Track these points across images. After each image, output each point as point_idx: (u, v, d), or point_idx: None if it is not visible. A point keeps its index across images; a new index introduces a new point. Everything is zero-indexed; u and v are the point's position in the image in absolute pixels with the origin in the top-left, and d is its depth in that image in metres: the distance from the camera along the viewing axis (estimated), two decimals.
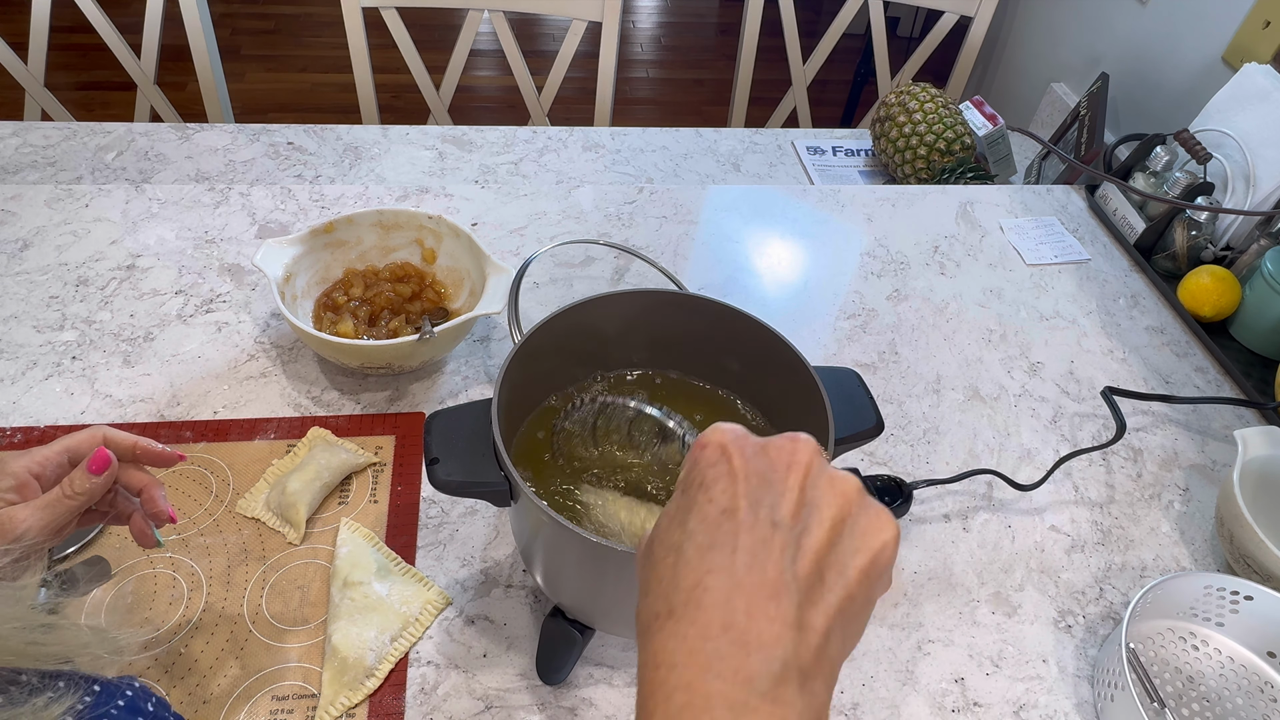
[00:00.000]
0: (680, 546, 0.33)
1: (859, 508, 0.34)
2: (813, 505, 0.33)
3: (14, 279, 0.90)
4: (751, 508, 0.33)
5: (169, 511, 0.56)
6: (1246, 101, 1.07)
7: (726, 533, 0.32)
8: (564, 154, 1.28)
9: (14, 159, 1.14)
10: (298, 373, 0.84)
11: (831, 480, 0.34)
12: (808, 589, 0.31)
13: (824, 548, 0.32)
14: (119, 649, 0.42)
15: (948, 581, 0.75)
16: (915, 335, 0.97)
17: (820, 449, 0.35)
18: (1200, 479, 0.86)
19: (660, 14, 3.45)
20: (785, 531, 0.32)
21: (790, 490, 0.33)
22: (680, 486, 0.36)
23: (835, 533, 0.33)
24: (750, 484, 0.33)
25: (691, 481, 0.35)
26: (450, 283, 0.89)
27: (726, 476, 0.34)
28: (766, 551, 0.31)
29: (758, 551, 0.32)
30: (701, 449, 0.35)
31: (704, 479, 0.34)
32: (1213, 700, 0.67)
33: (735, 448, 0.35)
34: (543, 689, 0.64)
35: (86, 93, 2.65)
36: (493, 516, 0.75)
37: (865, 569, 0.33)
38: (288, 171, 1.18)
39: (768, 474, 0.34)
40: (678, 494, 0.36)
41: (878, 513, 0.34)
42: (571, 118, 1.53)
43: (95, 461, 0.52)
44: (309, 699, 0.62)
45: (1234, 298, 0.99)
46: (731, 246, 1.07)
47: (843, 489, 0.34)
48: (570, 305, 0.63)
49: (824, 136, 1.39)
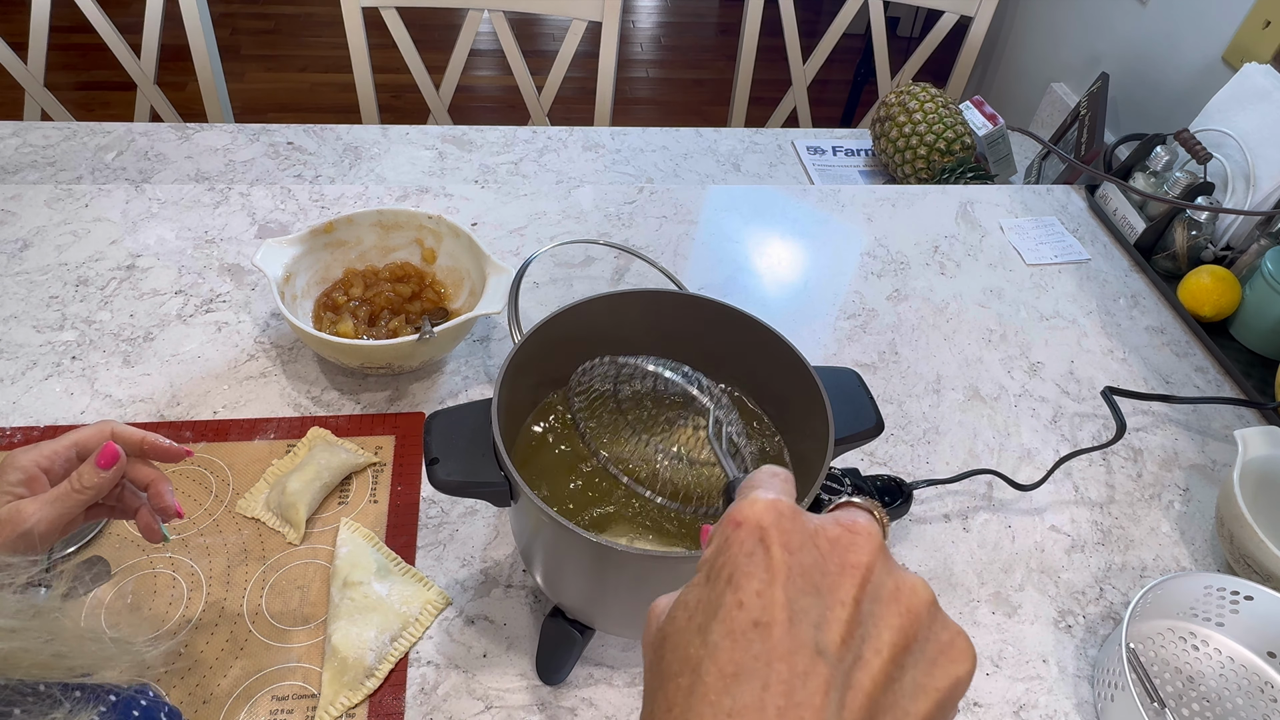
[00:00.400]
0: (699, 666, 0.26)
1: (929, 629, 0.27)
2: (869, 624, 0.26)
3: (14, 279, 0.90)
4: (792, 623, 0.26)
5: (176, 506, 0.56)
6: (1246, 101, 1.07)
7: (757, 657, 0.25)
8: (564, 154, 1.28)
9: (14, 159, 1.14)
10: (298, 373, 0.84)
11: (896, 590, 0.27)
12: None
13: (880, 686, 0.26)
14: (143, 663, 0.42)
15: (948, 581, 0.75)
16: (915, 335, 0.97)
17: (885, 547, 0.28)
18: (1200, 479, 0.86)
19: (660, 14, 3.45)
20: (832, 662, 0.25)
21: (843, 603, 0.26)
22: (705, 570, 0.29)
23: (896, 664, 0.26)
24: (792, 588, 0.26)
25: (719, 571, 0.28)
26: (450, 283, 0.89)
27: (764, 573, 0.27)
28: (805, 690, 0.25)
29: (795, 689, 0.25)
30: (735, 528, 0.28)
31: (734, 573, 0.27)
32: (1213, 700, 0.67)
33: (777, 533, 0.27)
34: (543, 689, 0.64)
35: (86, 93, 2.65)
36: (493, 516, 0.75)
37: (930, 714, 0.26)
38: (288, 171, 1.18)
39: (816, 576, 0.27)
40: (700, 579, 0.28)
41: (953, 637, 0.27)
42: (571, 118, 1.53)
43: (104, 456, 0.52)
44: (309, 699, 0.62)
45: (1234, 298, 0.99)
46: (731, 246, 1.07)
47: (910, 603, 0.27)
48: (570, 305, 0.63)
49: (824, 136, 1.39)
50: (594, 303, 0.64)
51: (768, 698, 0.25)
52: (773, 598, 0.26)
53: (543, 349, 0.62)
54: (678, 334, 0.68)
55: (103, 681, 0.39)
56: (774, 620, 0.26)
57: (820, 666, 0.25)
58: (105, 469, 0.52)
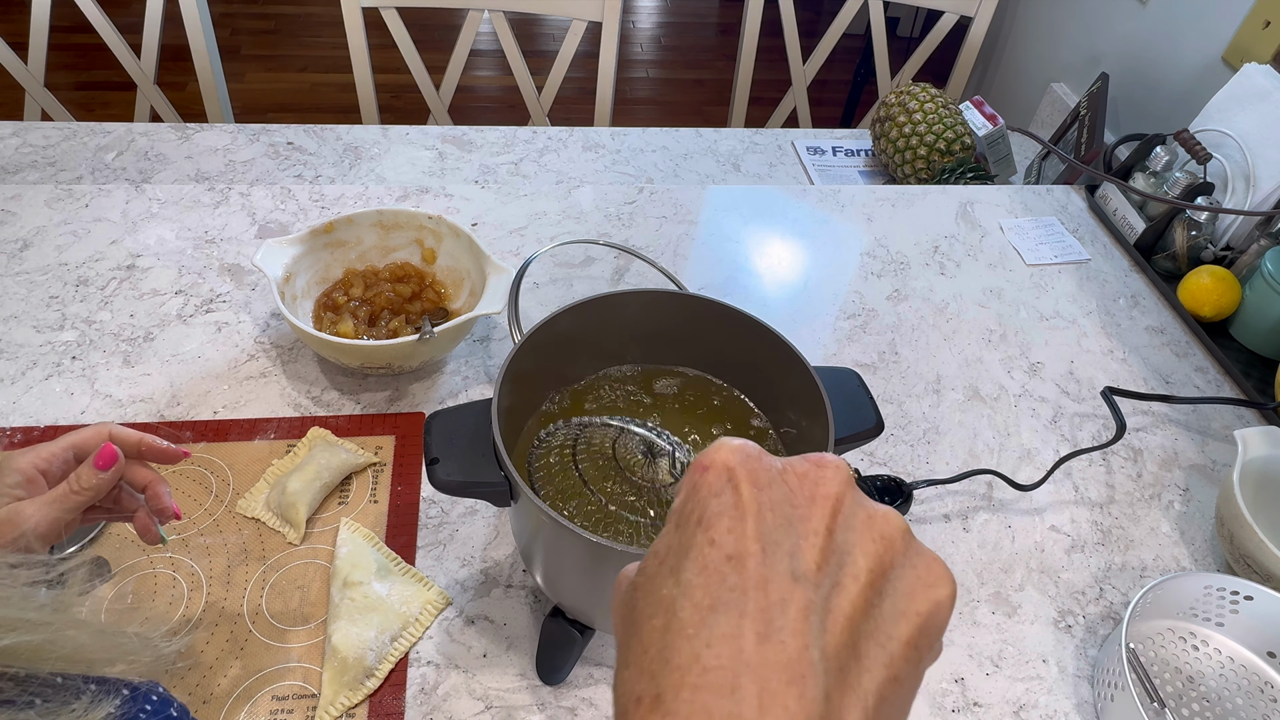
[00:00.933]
0: (673, 604, 0.25)
1: (904, 555, 0.27)
2: (844, 552, 0.26)
3: (14, 279, 0.90)
4: (766, 554, 0.25)
5: (174, 508, 0.56)
6: (1246, 101, 1.07)
7: (733, 588, 0.25)
8: (564, 154, 1.28)
9: (14, 159, 1.14)
10: (298, 373, 0.84)
11: (869, 518, 0.27)
12: (839, 668, 0.24)
13: (860, 610, 0.25)
14: (160, 658, 0.43)
15: None
16: (915, 335, 0.97)
17: (852, 477, 0.28)
18: (1200, 479, 0.86)
19: (660, 14, 3.45)
20: (809, 588, 0.25)
21: (816, 532, 0.26)
22: (673, 518, 0.28)
23: (874, 590, 0.26)
24: (764, 522, 0.26)
25: (688, 514, 0.27)
26: (450, 283, 0.89)
27: (733, 510, 0.26)
28: (785, 616, 0.24)
29: (774, 616, 0.24)
30: (702, 472, 0.27)
31: (704, 513, 0.26)
32: (1213, 700, 0.67)
33: (745, 472, 0.27)
34: (543, 689, 0.64)
35: (86, 93, 2.65)
36: (493, 516, 0.75)
37: (913, 639, 0.25)
38: (288, 171, 1.18)
39: (786, 509, 0.26)
40: (670, 528, 0.28)
41: (929, 562, 0.27)
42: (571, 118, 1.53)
43: (102, 457, 0.52)
44: (309, 699, 0.62)
45: (1234, 298, 0.99)
46: (731, 246, 1.07)
47: (883, 530, 0.27)
48: (570, 305, 0.63)
49: (824, 136, 1.39)
50: (594, 303, 0.64)
51: (746, 625, 0.24)
52: (745, 531, 0.26)
53: (543, 349, 0.62)
54: (678, 334, 0.68)
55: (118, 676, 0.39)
56: (747, 552, 0.25)
57: (797, 592, 0.25)
58: (103, 470, 0.52)
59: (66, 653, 0.37)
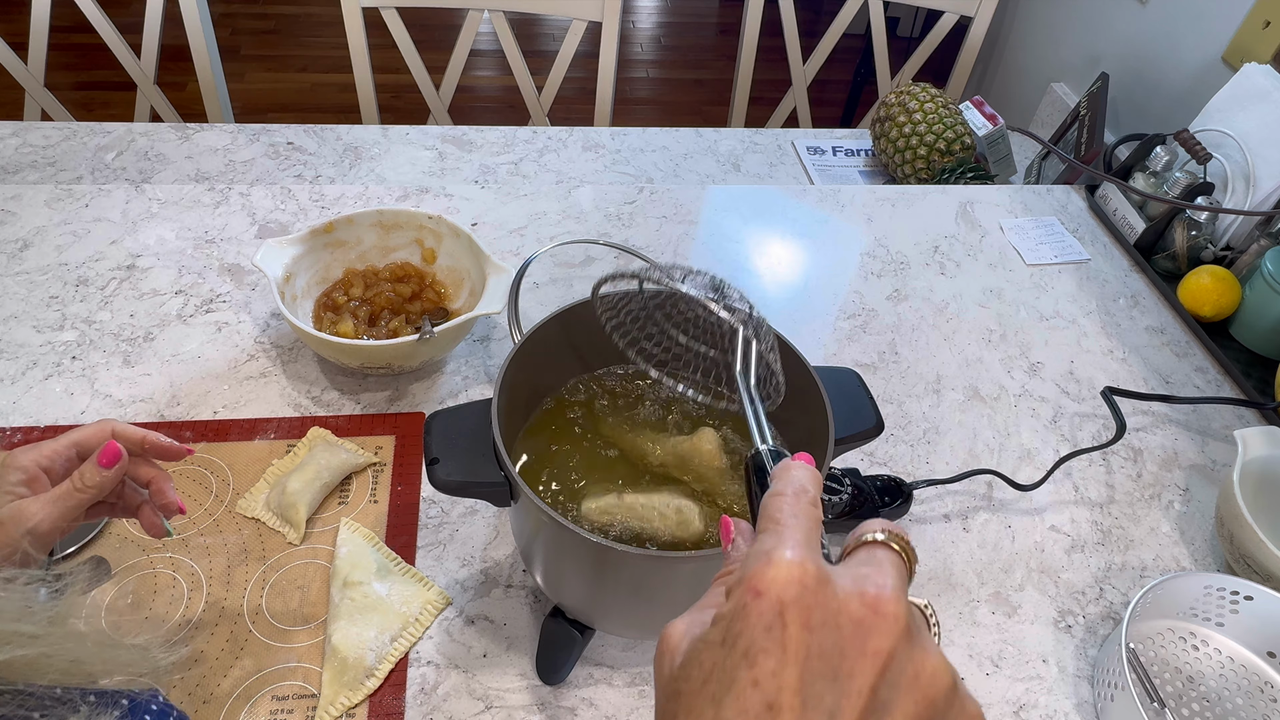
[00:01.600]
0: None
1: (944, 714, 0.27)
2: (883, 712, 0.26)
3: (14, 279, 0.90)
4: (805, 709, 0.25)
5: (178, 502, 0.56)
6: (1246, 101, 1.07)
7: None
8: (564, 154, 1.28)
9: (14, 159, 1.14)
10: (298, 373, 0.84)
11: (916, 678, 0.26)
12: None
13: None
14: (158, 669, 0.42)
15: (947, 581, 0.75)
16: (915, 335, 0.97)
17: (909, 627, 0.27)
18: (1200, 479, 0.86)
19: (660, 14, 3.45)
20: None
21: (859, 692, 0.26)
22: (721, 629, 0.28)
23: None
24: (809, 669, 0.26)
25: (736, 638, 0.27)
26: (450, 283, 0.89)
27: (778, 652, 0.26)
28: None
29: None
30: (755, 597, 0.27)
31: (750, 645, 0.26)
32: (1213, 700, 0.67)
33: (797, 611, 0.27)
34: (543, 689, 0.64)
35: (86, 93, 2.65)
36: (493, 516, 0.75)
37: None
38: (288, 171, 1.18)
39: (834, 659, 0.26)
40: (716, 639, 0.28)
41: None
42: (571, 118, 1.53)
43: (105, 455, 0.52)
44: (309, 699, 0.62)
45: (1234, 298, 0.99)
46: (731, 246, 1.07)
47: (927, 691, 0.26)
48: (570, 305, 0.63)
49: (824, 136, 1.39)
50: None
51: None
52: (786, 680, 0.26)
53: (543, 349, 0.62)
54: None
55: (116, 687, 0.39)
56: (786, 706, 0.25)
57: None
58: (107, 468, 0.52)
59: (64, 665, 0.37)
